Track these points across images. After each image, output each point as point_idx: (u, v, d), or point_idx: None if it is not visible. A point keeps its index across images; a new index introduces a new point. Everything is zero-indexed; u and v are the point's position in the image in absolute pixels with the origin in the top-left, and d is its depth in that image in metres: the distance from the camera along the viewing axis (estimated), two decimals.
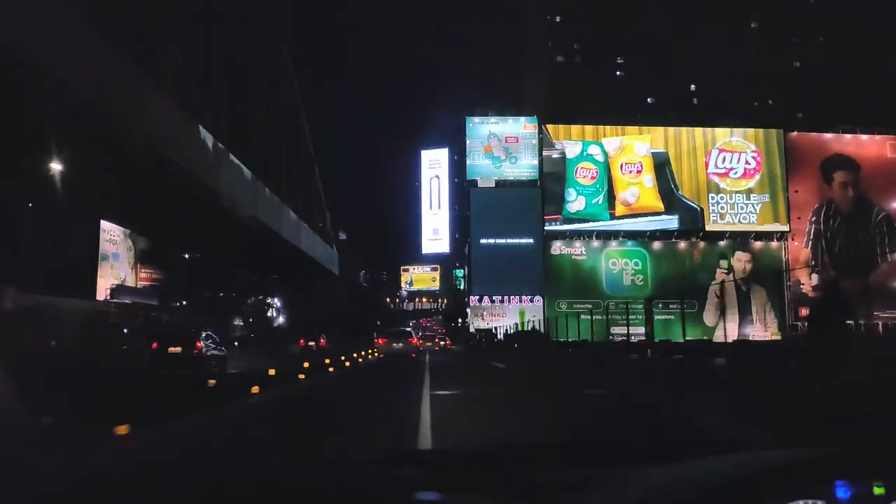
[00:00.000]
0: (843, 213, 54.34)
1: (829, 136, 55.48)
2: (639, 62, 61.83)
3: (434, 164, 76.39)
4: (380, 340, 24.04)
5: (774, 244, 53.92)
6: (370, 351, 27.09)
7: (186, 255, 42.61)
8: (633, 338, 49.87)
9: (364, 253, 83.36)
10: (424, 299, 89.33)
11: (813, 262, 53.40)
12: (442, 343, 72.72)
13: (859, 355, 9.04)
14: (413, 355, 23.21)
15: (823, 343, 8.44)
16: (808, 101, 57.44)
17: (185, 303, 46.01)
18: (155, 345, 16.95)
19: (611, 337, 52.57)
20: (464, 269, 66.30)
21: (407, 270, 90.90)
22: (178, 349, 16.49)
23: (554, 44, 62.75)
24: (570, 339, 44.54)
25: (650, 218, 52.69)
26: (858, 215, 54.22)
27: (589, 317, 51.09)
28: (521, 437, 6.13)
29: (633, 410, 8.87)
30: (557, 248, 52.47)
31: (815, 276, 53.01)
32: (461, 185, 60.23)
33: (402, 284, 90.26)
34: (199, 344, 16.91)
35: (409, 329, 27.47)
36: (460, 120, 54.55)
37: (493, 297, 51.58)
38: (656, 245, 53.27)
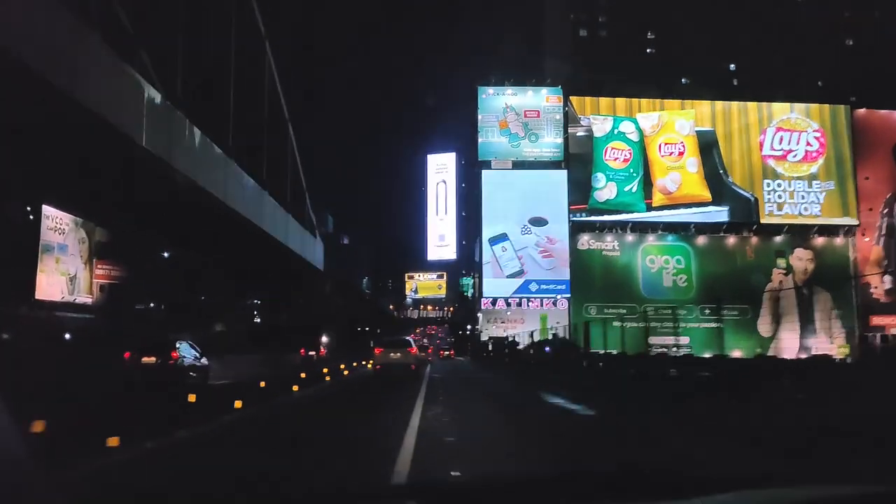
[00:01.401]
0: None
1: None
2: (679, 21, 55.86)
3: (441, 168, 76.26)
4: (376, 350, 22.27)
5: (839, 240, 47.97)
6: (367, 362, 26.14)
7: (166, 254, 36.91)
8: (675, 350, 44.51)
9: (368, 259, 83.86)
10: (430, 307, 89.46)
11: (886, 263, 47.51)
12: (446, 353, 70.35)
13: None
14: (412, 367, 21.49)
15: None
16: (875, 74, 51.40)
17: (156, 306, 40.55)
18: (127, 354, 16.04)
19: (649, 349, 46.84)
20: (472, 277, 64.84)
21: (412, 278, 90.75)
22: (153, 359, 15.87)
23: (579, 1, 56.79)
24: (601, 351, 39.05)
25: (695, 209, 46.82)
26: None
27: (623, 323, 45.41)
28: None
29: None
30: (585, 242, 46.60)
31: (887, 279, 47.10)
32: (469, 178, 56.92)
33: (407, 292, 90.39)
34: (174, 353, 16.25)
35: (408, 338, 25.01)
36: (472, 91, 48.65)
37: (510, 300, 45.77)
38: (701, 240, 47.35)
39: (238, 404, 10.44)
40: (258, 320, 47.33)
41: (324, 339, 42.80)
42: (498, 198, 46.32)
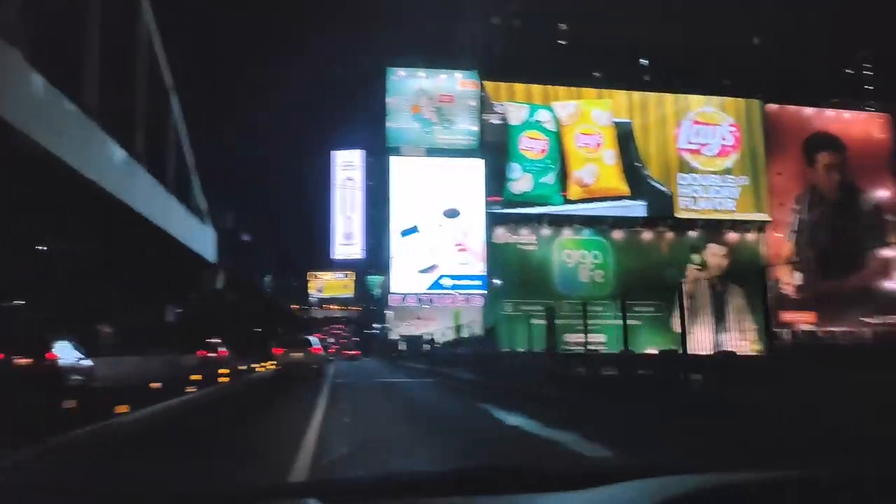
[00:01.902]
0: (827, 200, 49.40)
1: (810, 110, 50.50)
2: (592, 14, 54.98)
3: (347, 165, 75.75)
4: (276, 350, 22.18)
5: (752, 236, 48.27)
6: (267, 363, 25.56)
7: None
8: (591, 347, 43.38)
9: (271, 257, 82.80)
10: (335, 306, 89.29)
11: (796, 259, 48.17)
12: (350, 353, 67.65)
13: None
14: (314, 366, 21.15)
15: None
16: (785, 70, 52.18)
17: (32, 303, 35.68)
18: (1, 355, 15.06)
19: (565, 346, 45.59)
20: (381, 276, 63.05)
21: (316, 276, 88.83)
22: (28, 360, 14.97)
23: None
24: (521, 349, 37.36)
25: (612, 203, 45.86)
26: (845, 203, 49.36)
27: (539, 321, 43.89)
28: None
29: None
30: (501, 235, 44.78)
31: (797, 275, 47.81)
32: (378, 169, 54.96)
33: (312, 291, 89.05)
34: (50, 354, 15.25)
35: (310, 337, 23.95)
36: (381, 75, 45.94)
37: (421, 297, 43.33)
38: (618, 235, 46.47)
39: (123, 408, 9.91)
40: (151, 318, 43.01)
41: (218, 339, 39.58)
42: (408, 187, 43.80)
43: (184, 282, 32.39)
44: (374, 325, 61.85)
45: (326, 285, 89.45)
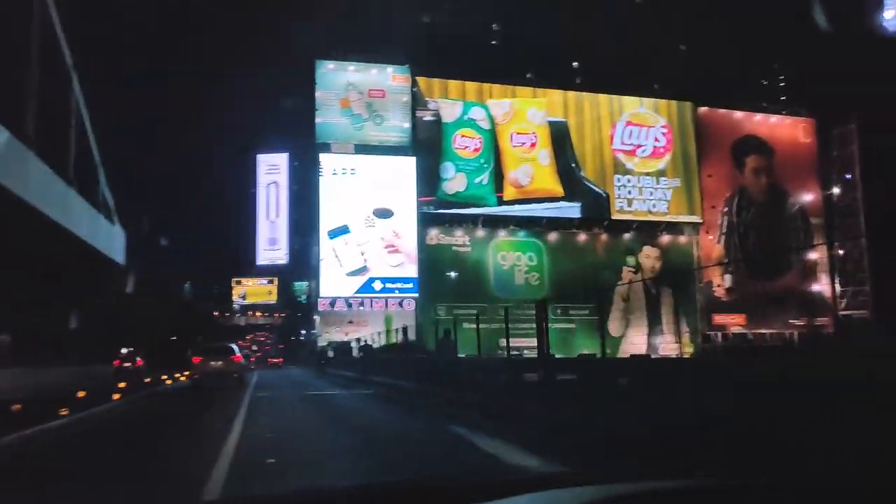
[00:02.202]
0: (756, 203, 50.20)
1: (739, 114, 51.22)
2: (524, 16, 54.38)
3: (272, 169, 74.01)
4: (194, 359, 20.78)
5: (684, 239, 48.52)
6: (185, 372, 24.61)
7: None
8: (527, 352, 42.53)
9: (192, 263, 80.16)
10: (259, 313, 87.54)
11: (726, 261, 48.67)
12: (274, 360, 65.93)
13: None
14: (235, 375, 20.28)
15: None
16: (715, 72, 52.84)
17: None
18: None
19: (500, 351, 44.60)
20: (308, 282, 61.77)
21: (239, 283, 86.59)
22: None
23: None
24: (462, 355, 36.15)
25: (547, 204, 45.17)
26: (772, 206, 50.27)
27: (474, 325, 42.76)
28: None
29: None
30: (434, 237, 43.41)
31: (728, 278, 48.32)
32: (304, 170, 53.74)
33: (235, 298, 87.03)
34: None
35: (231, 345, 22.95)
36: (310, 70, 43.88)
37: (351, 301, 41.46)
38: (553, 236, 45.82)
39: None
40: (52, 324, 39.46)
41: (129, 348, 36.86)
42: (338, 185, 41.92)
43: (88, 285, 29.61)
44: (302, 332, 59.51)
45: (249, 291, 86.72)
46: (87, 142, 27.14)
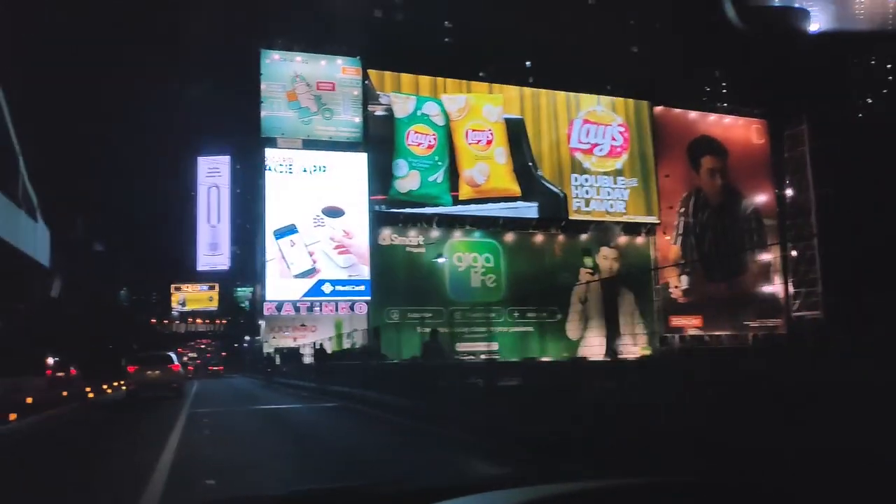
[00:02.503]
0: (711, 204, 50.01)
1: (694, 114, 50.97)
2: (476, 13, 53.24)
3: (213, 171, 72.20)
4: (130, 368, 20.03)
5: (641, 239, 47.93)
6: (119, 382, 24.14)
7: None
8: (483, 356, 41.16)
9: (128, 268, 77.24)
10: (200, 320, 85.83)
11: (682, 262, 48.31)
12: (214, 368, 63.94)
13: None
14: (174, 385, 19.81)
15: None
16: (668, 72, 52.70)
17: None
18: None
19: (457, 356, 43.09)
20: (252, 287, 60.57)
21: (179, 289, 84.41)
22: None
23: None
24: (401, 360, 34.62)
25: (504, 204, 43.92)
26: (727, 207, 50.15)
27: (428, 329, 41.24)
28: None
29: None
30: (387, 237, 41.64)
31: (684, 279, 47.94)
32: (249, 171, 53.73)
33: (174, 304, 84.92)
34: None
35: (169, 354, 22.16)
36: (254, 58, 41.66)
37: (299, 305, 39.30)
38: (510, 237, 44.58)
39: None
40: None
41: (51, 359, 34.19)
42: (285, 182, 39.80)
43: (6, 288, 26.89)
44: (245, 339, 56.96)
45: (189, 298, 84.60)
46: (2, 125, 24.57)
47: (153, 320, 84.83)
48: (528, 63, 46.37)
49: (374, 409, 13.81)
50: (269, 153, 39.92)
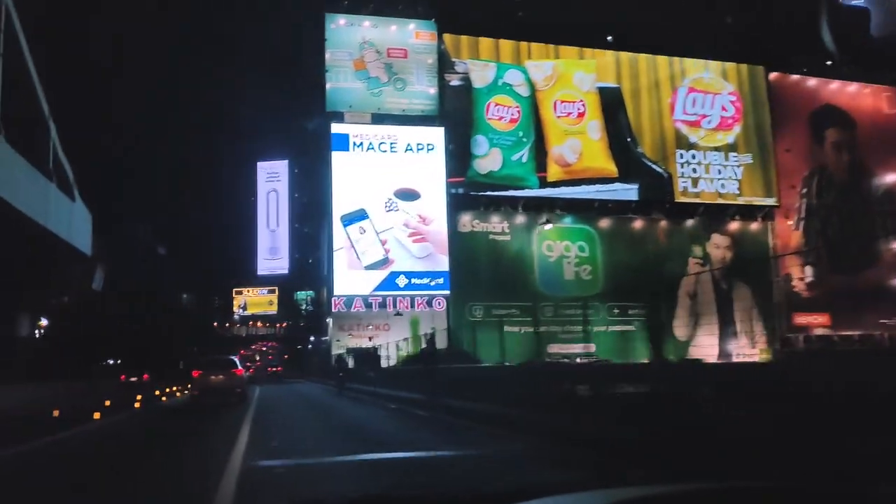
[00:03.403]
0: (837, 183, 44.00)
1: (814, 81, 45.04)
2: None
3: (272, 177, 73.66)
4: (194, 373, 19.40)
5: (757, 225, 42.34)
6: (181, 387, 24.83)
7: None
8: (579, 359, 36.50)
9: (192, 272, 77.74)
10: (260, 324, 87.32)
11: (806, 249, 42.48)
12: (273, 369, 65.48)
13: None
14: (238, 391, 18.93)
15: None
16: (782, 36, 46.74)
17: None
18: None
19: (547, 358, 38.69)
20: (313, 292, 60.73)
21: (240, 293, 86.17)
22: None
23: None
24: (505, 363, 30.28)
25: (599, 186, 39.09)
26: (855, 187, 44.04)
27: (517, 329, 36.90)
28: None
29: None
30: (467, 223, 37.34)
31: (809, 270, 42.09)
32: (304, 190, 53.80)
33: (236, 308, 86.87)
34: None
35: (232, 358, 21.86)
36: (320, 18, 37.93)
37: (370, 300, 35.31)
38: (607, 222, 39.75)
39: None
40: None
41: (111, 361, 31.67)
42: (353, 162, 35.95)
43: (41, 279, 23.64)
44: (311, 339, 53.77)
45: (250, 302, 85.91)
46: (35, 93, 21.18)
47: (215, 323, 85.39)
48: (625, 24, 41.14)
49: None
50: (336, 129, 36.07)
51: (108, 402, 15.98)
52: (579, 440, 7.95)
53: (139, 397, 20.02)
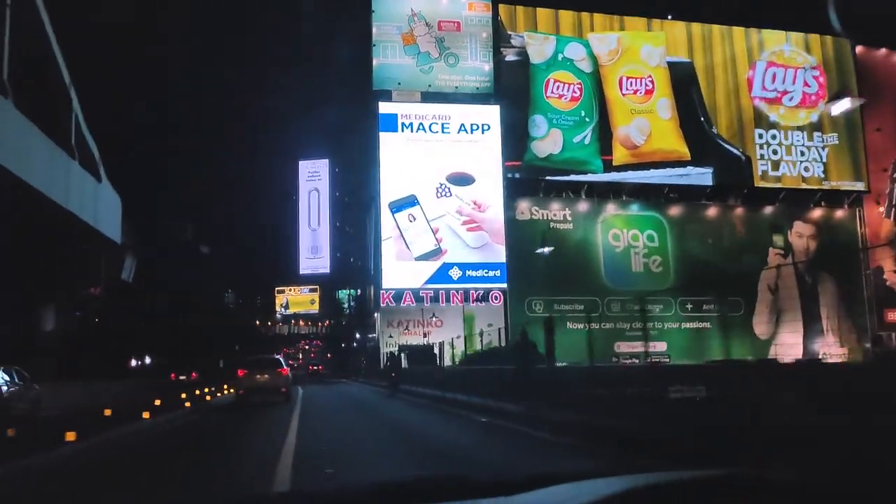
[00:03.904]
0: None
1: None
2: None
3: (313, 176, 74.58)
4: (240, 372, 19.39)
5: (843, 212, 38.72)
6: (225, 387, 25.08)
7: None
8: (651, 358, 33.46)
9: (234, 271, 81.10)
10: (302, 322, 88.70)
11: None
12: (315, 367, 67.26)
13: None
14: (283, 390, 19.06)
15: None
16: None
17: None
18: None
19: (615, 358, 35.76)
20: (355, 291, 61.08)
21: (282, 292, 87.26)
22: None
23: None
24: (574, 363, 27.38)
25: (670, 170, 35.97)
26: None
27: (582, 325, 33.90)
28: None
29: None
30: (525, 210, 34.58)
31: None
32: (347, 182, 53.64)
33: (278, 307, 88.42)
34: None
35: (277, 357, 22.14)
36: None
37: (422, 293, 32.78)
38: (677, 210, 36.62)
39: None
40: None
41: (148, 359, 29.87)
42: (402, 144, 33.48)
43: (64, 266, 21.60)
44: (356, 337, 51.66)
45: (292, 301, 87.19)
46: (57, 64, 19.05)
47: (257, 322, 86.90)
48: None
49: None
50: (384, 108, 33.61)
51: (157, 402, 15.67)
52: None
53: (184, 396, 18.93)
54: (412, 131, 33.61)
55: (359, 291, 54.22)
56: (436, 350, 25.54)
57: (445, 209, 33.18)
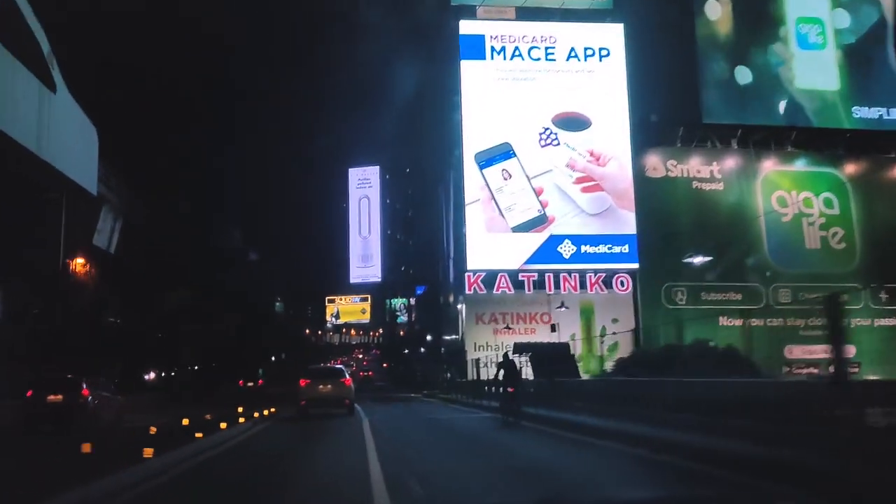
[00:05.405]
0: None
1: None
2: None
3: (363, 183, 74.72)
4: (302, 382, 19.09)
5: None
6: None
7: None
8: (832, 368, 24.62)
9: (284, 281, 79.82)
10: (353, 332, 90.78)
11: None
12: (364, 374, 67.14)
13: None
14: (346, 402, 18.81)
15: None
16: None
17: None
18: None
19: (785, 367, 27.26)
20: (406, 299, 61.18)
21: (333, 301, 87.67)
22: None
23: None
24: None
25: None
26: None
27: (739, 322, 25.64)
28: None
29: None
30: (658, 165, 26.32)
31: None
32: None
33: (328, 317, 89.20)
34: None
35: (340, 367, 21.65)
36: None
37: (521, 276, 24.70)
38: (857, 166, 27.87)
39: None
40: None
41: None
42: (491, 75, 25.71)
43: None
44: (427, 337, 44.04)
45: (343, 310, 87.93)
46: None
47: (307, 331, 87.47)
48: None
49: None
50: (466, 29, 25.76)
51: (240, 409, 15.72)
52: None
53: (241, 410, 16.75)
54: (504, 59, 26.03)
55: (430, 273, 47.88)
56: (573, 351, 17.48)
57: (552, 162, 25.35)
